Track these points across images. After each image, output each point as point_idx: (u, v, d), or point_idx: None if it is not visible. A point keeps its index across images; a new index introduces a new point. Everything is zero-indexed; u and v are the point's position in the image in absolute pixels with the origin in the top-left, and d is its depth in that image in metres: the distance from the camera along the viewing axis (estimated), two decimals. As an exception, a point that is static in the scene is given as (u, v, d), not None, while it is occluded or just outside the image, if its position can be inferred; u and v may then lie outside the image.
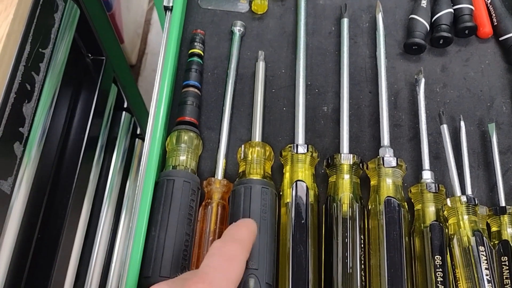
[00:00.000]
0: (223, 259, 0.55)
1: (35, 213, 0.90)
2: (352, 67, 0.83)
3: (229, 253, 0.56)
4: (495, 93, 0.83)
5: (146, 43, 2.21)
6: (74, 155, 1.02)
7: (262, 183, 0.69)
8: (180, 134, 0.74)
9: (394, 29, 0.88)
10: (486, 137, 0.79)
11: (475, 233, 0.67)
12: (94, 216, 1.13)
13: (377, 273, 0.65)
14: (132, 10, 1.99)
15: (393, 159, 0.71)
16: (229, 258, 0.55)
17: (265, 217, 0.67)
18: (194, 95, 0.78)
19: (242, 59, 0.85)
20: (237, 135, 0.79)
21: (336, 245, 0.66)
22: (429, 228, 0.68)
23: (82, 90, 1.08)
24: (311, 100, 0.81)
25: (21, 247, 0.84)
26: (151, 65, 2.15)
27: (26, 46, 0.77)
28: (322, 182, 0.75)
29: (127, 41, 1.92)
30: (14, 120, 0.75)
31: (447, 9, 0.85)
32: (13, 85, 0.74)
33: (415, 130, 0.79)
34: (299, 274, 0.64)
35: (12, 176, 0.76)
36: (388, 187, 0.70)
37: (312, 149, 0.72)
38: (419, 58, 0.86)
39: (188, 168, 0.72)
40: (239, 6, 0.89)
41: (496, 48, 0.87)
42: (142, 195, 0.67)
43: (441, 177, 0.76)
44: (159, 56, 0.80)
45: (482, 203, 0.74)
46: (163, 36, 0.82)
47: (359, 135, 0.79)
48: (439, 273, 0.65)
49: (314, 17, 0.89)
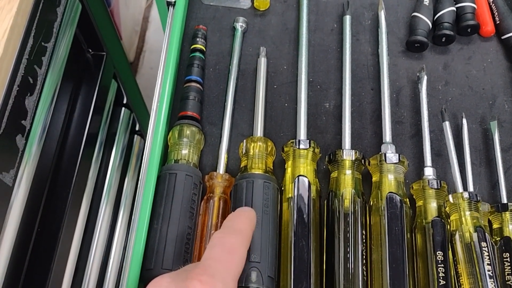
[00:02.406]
0: (224, 250, 0.55)
1: (35, 207, 0.90)
2: (354, 64, 0.84)
3: (229, 245, 0.56)
4: (497, 91, 0.83)
5: (144, 41, 2.20)
6: (74, 150, 1.02)
7: (264, 177, 0.69)
8: (182, 129, 0.74)
9: (396, 27, 0.88)
10: (488, 134, 0.79)
11: (477, 229, 0.67)
12: (93, 211, 1.13)
13: (378, 268, 0.65)
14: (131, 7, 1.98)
15: (395, 155, 0.71)
16: (230, 250, 0.56)
17: (267, 211, 0.67)
18: (196, 90, 0.78)
19: (244, 55, 0.85)
20: (239, 130, 0.79)
21: (338, 240, 0.66)
22: (431, 224, 0.68)
23: (82, 85, 1.08)
24: (313, 97, 0.81)
25: (20, 241, 0.84)
26: (148, 63, 2.14)
27: (29, 40, 0.77)
28: (323, 178, 0.75)
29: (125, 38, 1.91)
30: (17, 113, 0.75)
31: (450, 7, 0.85)
32: (16, 78, 0.74)
33: (417, 127, 0.79)
34: (301, 269, 0.64)
35: (14, 169, 0.76)
36: (390, 183, 0.70)
37: (314, 145, 0.72)
38: (421, 56, 0.86)
39: (190, 162, 0.72)
40: (241, 2, 0.89)
41: (498, 46, 0.87)
42: (144, 189, 0.67)
43: (443, 174, 0.76)
44: (161, 51, 0.80)
45: (484, 200, 0.74)
46: (166, 32, 0.82)
47: (361, 131, 0.79)
48: (440, 268, 0.65)
49: (316, 14, 0.89)
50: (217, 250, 0.55)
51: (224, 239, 0.57)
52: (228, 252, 0.55)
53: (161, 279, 0.53)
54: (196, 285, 0.50)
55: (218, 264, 0.53)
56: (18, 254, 0.84)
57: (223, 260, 0.54)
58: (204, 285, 0.50)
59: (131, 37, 2.04)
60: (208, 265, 0.53)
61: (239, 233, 0.58)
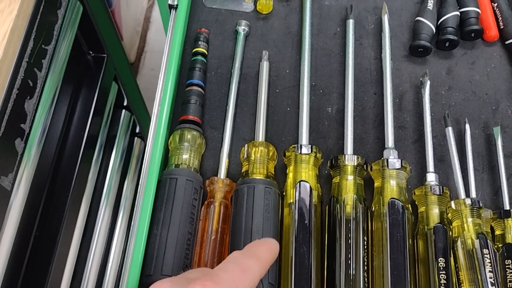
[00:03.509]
0: (238, 268, 0.53)
1: (33, 211, 0.89)
2: (357, 69, 0.83)
3: (245, 265, 0.54)
4: (501, 96, 0.83)
5: (145, 41, 2.19)
6: (74, 153, 1.01)
7: (265, 182, 0.69)
8: (183, 133, 0.73)
9: (399, 31, 0.88)
10: (491, 140, 0.79)
11: (479, 235, 0.67)
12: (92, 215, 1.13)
13: (380, 275, 0.65)
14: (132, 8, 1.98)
15: (397, 161, 0.71)
16: (244, 269, 0.53)
17: (268, 216, 0.66)
18: (197, 94, 0.78)
19: (246, 59, 0.84)
20: (240, 135, 0.78)
21: (339, 246, 0.66)
22: (433, 231, 0.68)
23: (82, 87, 1.08)
24: (315, 101, 0.81)
25: (19, 245, 0.83)
26: (149, 64, 2.14)
27: (29, 42, 0.77)
28: (325, 183, 0.75)
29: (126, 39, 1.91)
30: (16, 116, 0.74)
31: (454, 12, 0.85)
32: (15, 81, 0.74)
33: (420, 132, 0.79)
34: (302, 275, 0.64)
35: (13, 173, 0.76)
36: (392, 189, 0.70)
37: (316, 150, 0.72)
38: (425, 60, 0.85)
39: (191, 166, 0.72)
40: (244, 5, 0.89)
41: (502, 51, 0.87)
42: (144, 193, 0.67)
43: (446, 180, 0.76)
44: (163, 54, 0.80)
45: (486, 206, 0.73)
46: (167, 35, 0.82)
47: (363, 136, 0.79)
48: (442, 275, 0.64)
49: (319, 18, 0.88)
50: (230, 265, 0.54)
51: (241, 259, 0.55)
52: (242, 270, 0.53)
53: (161, 283, 0.52)
54: None
55: (227, 276, 0.52)
56: (16, 258, 0.83)
57: (234, 275, 0.52)
58: None
59: (132, 38, 2.04)
60: (216, 274, 0.51)
61: (258, 259, 0.56)
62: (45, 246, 0.93)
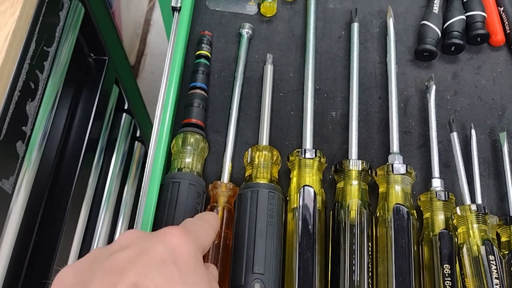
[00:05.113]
0: (198, 221, 0.57)
1: (34, 214, 0.89)
2: (362, 73, 0.83)
3: (202, 220, 0.58)
4: (507, 101, 0.82)
5: (145, 44, 2.18)
6: (74, 157, 1.01)
7: (269, 187, 0.68)
8: (186, 136, 0.73)
9: (405, 35, 0.87)
10: (497, 146, 0.78)
11: (485, 242, 0.66)
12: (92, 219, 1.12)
13: (384, 281, 0.64)
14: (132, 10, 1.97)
15: (402, 166, 0.70)
16: (202, 222, 0.57)
17: (272, 221, 0.66)
18: (201, 97, 0.77)
19: (250, 62, 0.84)
20: (244, 139, 0.78)
21: (344, 252, 0.65)
22: (438, 237, 0.67)
23: (83, 90, 1.08)
24: (319, 105, 0.80)
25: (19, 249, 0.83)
26: (150, 67, 2.13)
27: (31, 44, 0.77)
28: (329, 188, 0.74)
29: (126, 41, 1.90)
30: (17, 119, 0.74)
31: (459, 16, 0.84)
32: (17, 83, 0.73)
33: (425, 137, 0.78)
34: (306, 281, 0.63)
35: (14, 176, 0.75)
36: (397, 194, 0.69)
37: (320, 154, 0.71)
38: (430, 64, 0.85)
39: (193, 170, 0.71)
40: (248, 8, 0.88)
41: (508, 56, 0.86)
42: (147, 197, 0.67)
43: (451, 185, 0.75)
44: (166, 57, 0.79)
45: (492, 212, 0.73)
46: (170, 37, 0.81)
47: (368, 141, 0.78)
48: (447, 282, 0.64)
49: (323, 21, 0.88)
50: (190, 219, 0.58)
51: (196, 217, 0.59)
52: (201, 221, 0.57)
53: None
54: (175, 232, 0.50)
55: (192, 224, 0.56)
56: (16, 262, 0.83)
57: (197, 223, 0.57)
58: (181, 232, 0.50)
59: (132, 41, 2.03)
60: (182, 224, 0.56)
61: (209, 223, 0.59)
62: (45, 250, 0.93)
